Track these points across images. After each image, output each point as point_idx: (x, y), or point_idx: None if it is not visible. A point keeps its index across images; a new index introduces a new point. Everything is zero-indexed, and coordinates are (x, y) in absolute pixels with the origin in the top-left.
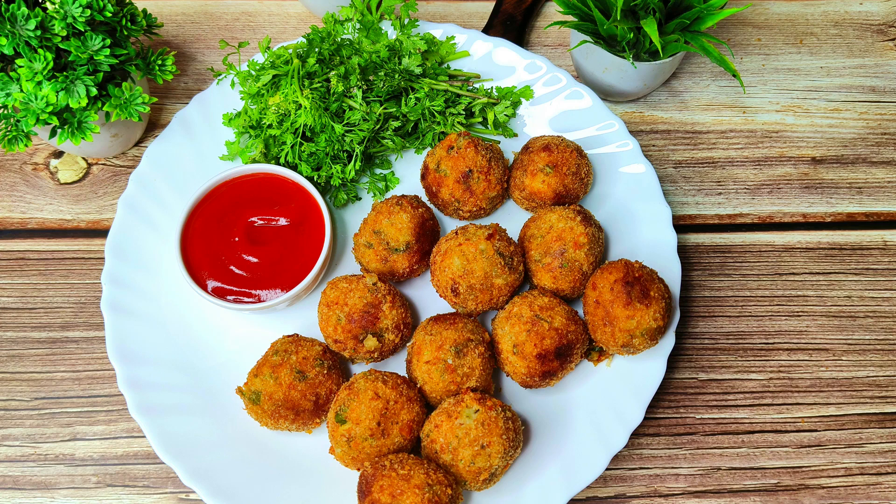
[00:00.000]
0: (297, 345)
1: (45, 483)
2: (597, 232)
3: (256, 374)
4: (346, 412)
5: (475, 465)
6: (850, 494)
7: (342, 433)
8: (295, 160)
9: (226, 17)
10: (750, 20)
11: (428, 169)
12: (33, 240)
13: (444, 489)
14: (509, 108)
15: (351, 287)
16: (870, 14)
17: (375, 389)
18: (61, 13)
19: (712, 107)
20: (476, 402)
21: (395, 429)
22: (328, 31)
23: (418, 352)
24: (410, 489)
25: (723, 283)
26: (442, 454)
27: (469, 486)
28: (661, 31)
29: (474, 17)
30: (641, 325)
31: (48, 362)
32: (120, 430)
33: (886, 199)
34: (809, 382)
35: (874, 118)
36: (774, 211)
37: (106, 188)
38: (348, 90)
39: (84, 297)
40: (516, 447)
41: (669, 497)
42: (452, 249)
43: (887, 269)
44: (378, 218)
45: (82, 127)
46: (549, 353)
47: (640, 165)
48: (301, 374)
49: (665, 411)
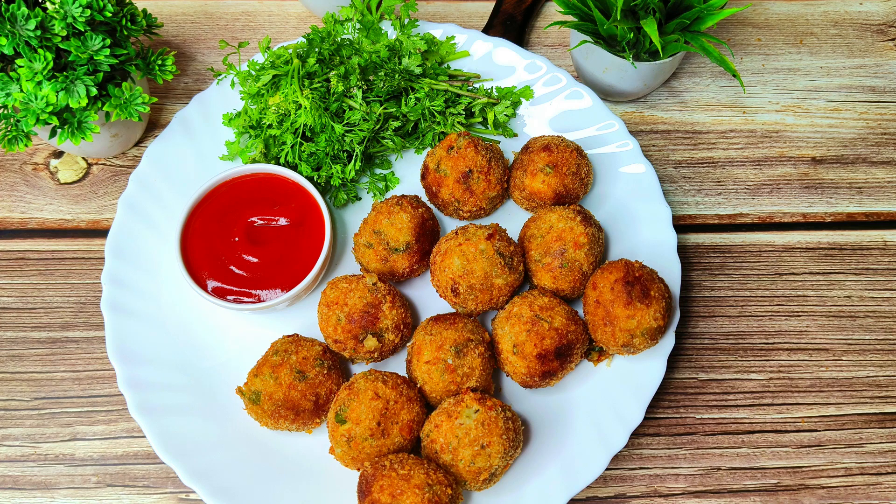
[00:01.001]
0: (297, 345)
1: (45, 483)
2: (597, 232)
3: (256, 374)
4: (346, 412)
5: (475, 464)
6: (850, 494)
7: (342, 433)
8: (295, 160)
9: (226, 17)
10: (750, 20)
11: (428, 169)
12: (33, 240)
13: (444, 489)
14: (509, 108)
15: (351, 287)
16: (870, 14)
17: (375, 389)
18: (61, 13)
19: (712, 107)
20: (476, 402)
21: (395, 429)
22: (328, 31)
23: (418, 352)
24: (410, 489)
25: (723, 283)
26: (442, 454)
27: (469, 486)
28: (661, 31)
29: (474, 17)
30: (642, 325)
31: (48, 362)
32: (120, 430)
33: (886, 199)
34: (809, 382)
35: (874, 118)
36: (774, 211)
37: (106, 188)
38: (348, 90)
39: (84, 297)
40: (516, 447)
41: (669, 497)
42: (452, 249)
43: (887, 269)
44: (378, 218)
45: (82, 127)
46: (549, 353)
47: (640, 165)
48: (301, 374)
49: (665, 411)
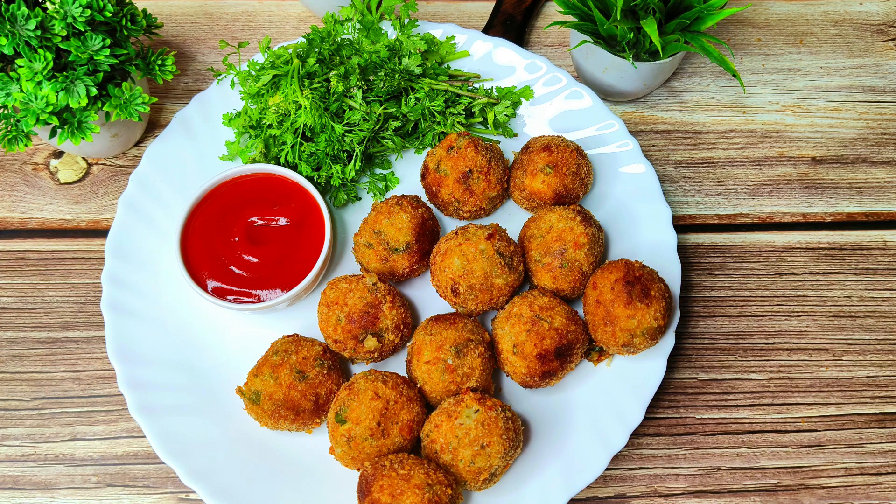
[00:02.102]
0: (297, 345)
1: (45, 483)
2: (597, 232)
3: (256, 374)
4: (346, 412)
5: (475, 464)
6: (850, 494)
7: (342, 433)
8: (295, 160)
9: (226, 17)
10: (750, 20)
11: (428, 169)
12: (33, 240)
13: (444, 489)
14: (509, 108)
15: (351, 287)
16: (870, 14)
17: (375, 389)
18: (61, 13)
19: (712, 107)
20: (476, 402)
21: (395, 429)
22: (328, 31)
23: (418, 352)
24: (410, 489)
25: (723, 283)
26: (442, 454)
27: (469, 486)
28: (661, 31)
29: (474, 17)
30: (642, 325)
31: (48, 362)
32: (120, 430)
33: (886, 199)
34: (809, 382)
35: (874, 118)
36: (774, 211)
37: (106, 188)
38: (348, 90)
39: (84, 297)
40: (516, 447)
41: (669, 497)
42: (452, 249)
43: (887, 269)
44: (378, 218)
45: (82, 127)
46: (549, 353)
47: (640, 165)
48: (301, 374)
49: (665, 411)
